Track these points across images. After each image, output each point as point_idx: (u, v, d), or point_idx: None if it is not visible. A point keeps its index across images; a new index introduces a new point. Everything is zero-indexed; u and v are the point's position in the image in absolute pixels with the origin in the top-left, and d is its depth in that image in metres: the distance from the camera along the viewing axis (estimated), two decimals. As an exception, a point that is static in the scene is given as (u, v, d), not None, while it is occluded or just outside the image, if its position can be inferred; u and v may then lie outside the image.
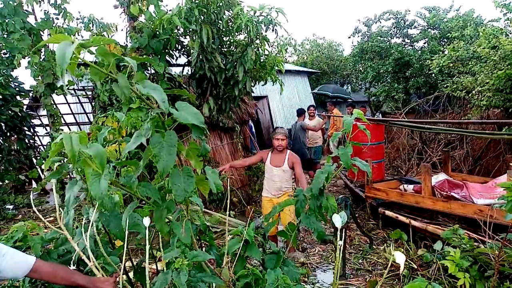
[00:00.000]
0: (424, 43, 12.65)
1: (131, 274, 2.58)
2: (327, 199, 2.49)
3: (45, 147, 7.83)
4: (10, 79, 6.71)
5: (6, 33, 5.67)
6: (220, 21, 4.97)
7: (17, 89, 6.90)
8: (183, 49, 5.36)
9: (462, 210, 4.40)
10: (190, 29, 4.70)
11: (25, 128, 7.37)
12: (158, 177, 2.56)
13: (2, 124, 6.87)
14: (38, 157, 7.50)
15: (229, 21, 4.94)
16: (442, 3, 12.01)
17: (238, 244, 2.42)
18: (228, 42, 5.38)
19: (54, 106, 6.81)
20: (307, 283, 3.97)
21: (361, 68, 14.73)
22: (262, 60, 5.36)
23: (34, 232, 2.39)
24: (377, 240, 5.02)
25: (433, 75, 11.27)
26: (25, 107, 8.10)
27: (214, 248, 2.73)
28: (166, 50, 5.04)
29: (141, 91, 1.65)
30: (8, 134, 7.20)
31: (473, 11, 11.53)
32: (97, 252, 2.25)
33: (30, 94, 7.26)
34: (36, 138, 8.32)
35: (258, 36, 4.83)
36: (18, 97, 7.05)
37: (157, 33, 4.75)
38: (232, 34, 5.18)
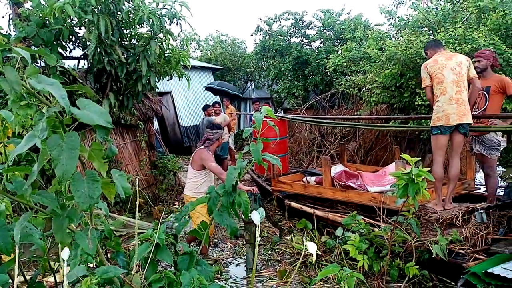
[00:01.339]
0: (320, 43, 13.49)
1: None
2: (239, 194, 2.51)
3: None
4: None
5: None
6: (119, 12, 4.67)
7: None
8: (78, 41, 4.92)
9: (359, 198, 4.81)
10: (86, 20, 4.33)
11: None
12: (55, 183, 2.32)
13: None
14: None
15: (129, 13, 4.67)
16: (335, 6, 13.03)
17: (148, 249, 2.31)
18: (129, 35, 5.09)
19: None
20: (220, 280, 3.98)
21: (263, 66, 15.17)
22: (166, 55, 5.19)
23: None
24: (284, 231, 5.23)
25: (328, 73, 12.11)
26: None
27: (121, 254, 2.58)
28: (59, 42, 4.58)
29: (35, 87, 1.47)
30: None
31: (361, 15, 12.64)
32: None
33: None
34: None
35: (161, 30, 4.66)
36: None
37: (47, 22, 4.28)
38: (133, 26, 4.91)
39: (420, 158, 3.46)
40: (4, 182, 1.96)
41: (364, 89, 7.85)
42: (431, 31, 6.82)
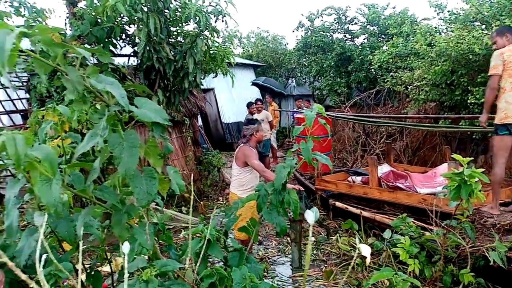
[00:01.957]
0: (364, 39, 13.14)
1: (83, 277, 2.39)
2: (289, 193, 2.48)
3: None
4: None
5: None
6: (167, 10, 4.76)
7: None
8: (128, 39, 5.07)
9: (407, 199, 4.63)
10: (136, 18, 4.44)
11: None
12: (113, 179, 2.39)
13: None
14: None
15: (176, 11, 4.74)
16: (379, 1, 12.67)
17: (199, 244, 2.34)
18: (176, 33, 5.18)
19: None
20: (267, 278, 3.97)
21: (305, 62, 14.99)
22: (212, 52, 5.23)
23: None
24: (329, 230, 5.15)
25: (373, 70, 11.77)
26: None
27: (172, 247, 2.62)
28: (110, 39, 4.73)
29: (96, 86, 1.50)
30: None
31: (407, 9, 12.16)
32: (46, 258, 2.05)
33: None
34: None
35: (207, 27, 4.70)
36: None
37: (100, 20, 4.44)
38: (180, 24, 4.99)
39: (472, 159, 3.27)
40: (64, 176, 2.04)
41: (411, 86, 7.55)
42: (484, 26, 6.43)
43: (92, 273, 2.36)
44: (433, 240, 3.66)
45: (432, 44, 6.67)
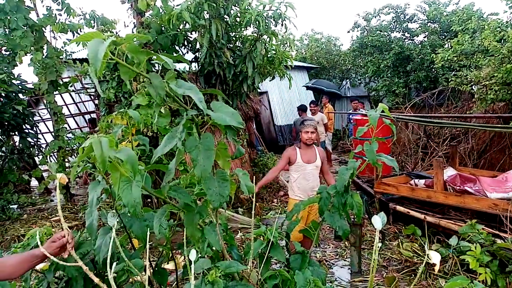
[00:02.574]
0: (424, 37, 12.62)
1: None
2: (352, 196, 2.45)
3: (48, 145, 7.72)
4: (12, 77, 6.59)
5: (8, 29, 5.55)
6: (227, 16, 4.90)
7: (19, 86, 6.79)
8: (190, 45, 5.28)
9: (477, 204, 4.38)
10: (198, 25, 4.62)
11: (28, 127, 7.26)
12: (184, 180, 2.51)
13: (5, 123, 6.76)
14: (41, 156, 7.39)
15: (237, 16, 4.86)
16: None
17: (262, 245, 2.37)
18: (235, 38, 5.31)
19: (57, 104, 6.72)
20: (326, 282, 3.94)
21: (360, 63, 14.66)
22: (269, 55, 5.30)
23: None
24: (389, 236, 5.00)
25: (433, 69, 11.25)
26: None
27: (234, 247, 2.69)
28: (173, 46, 4.96)
29: (176, 91, 1.59)
30: (11, 133, 7.08)
31: (473, 4, 11.51)
32: (118, 254, 2.19)
33: (33, 92, 7.15)
34: (40, 136, 8.22)
35: (267, 31, 4.77)
36: (20, 95, 6.94)
37: (164, 28, 4.66)
38: (240, 29, 5.11)
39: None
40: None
41: (478, 85, 7.12)
42: None
43: (158, 270, 2.50)
44: (507, 249, 3.44)
45: (503, 40, 6.25)
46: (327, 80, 15.96)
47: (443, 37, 11.95)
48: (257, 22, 4.60)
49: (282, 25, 4.75)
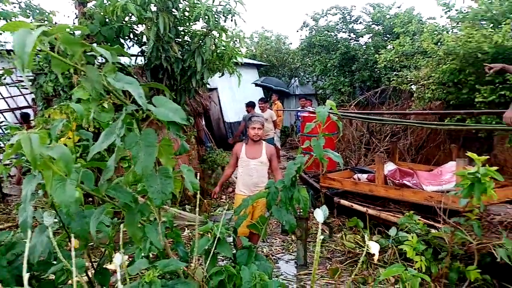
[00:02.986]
0: (369, 38, 13.14)
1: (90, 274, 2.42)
2: (298, 190, 2.50)
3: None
4: None
5: None
6: (176, 10, 4.79)
7: None
8: (136, 38, 5.11)
9: (414, 197, 4.65)
10: (145, 17, 4.48)
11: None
12: (125, 177, 2.42)
13: None
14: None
15: (185, 10, 4.77)
16: (385, 0, 12.66)
17: (208, 242, 2.36)
18: (184, 32, 5.21)
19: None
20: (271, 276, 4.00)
21: (309, 62, 15.00)
22: (219, 51, 5.26)
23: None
24: (333, 228, 5.17)
25: (377, 69, 11.78)
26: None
27: (181, 245, 2.65)
28: (118, 39, 4.77)
29: (114, 85, 1.52)
30: None
31: (413, 8, 12.16)
32: (55, 254, 2.08)
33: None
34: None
35: (216, 26, 4.73)
36: None
37: (109, 20, 4.47)
38: (189, 23, 5.02)
39: (488, 157, 3.29)
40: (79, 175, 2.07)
41: (417, 85, 7.55)
42: (492, 24, 6.43)
43: (100, 270, 2.40)
44: (440, 238, 3.68)
45: (440, 43, 6.67)
46: (276, 78, 16.16)
47: (386, 38, 12.51)
48: (206, 17, 4.56)
49: (231, 20, 4.73)
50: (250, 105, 8.78)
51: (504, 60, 4.67)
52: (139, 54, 5.38)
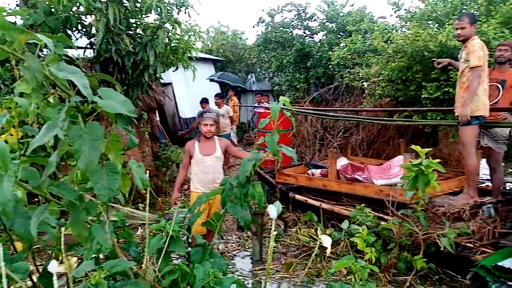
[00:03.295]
0: (323, 35, 13.40)
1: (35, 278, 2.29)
2: (254, 186, 2.49)
3: None
4: None
5: None
6: (126, 1, 4.61)
7: None
8: (85, 29, 4.86)
9: (365, 191, 4.81)
10: (94, 8, 4.27)
11: None
12: (71, 174, 2.30)
13: None
14: None
15: (136, 1, 4.60)
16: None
17: (161, 240, 2.30)
18: (136, 24, 5.03)
19: None
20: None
21: (265, 58, 15.07)
22: (173, 45, 5.13)
23: None
24: (288, 223, 5.24)
25: (331, 66, 12.06)
26: None
27: (133, 244, 2.57)
28: (65, 30, 4.52)
29: (57, 75, 1.43)
30: None
31: (365, 7, 12.55)
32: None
33: None
34: None
35: (169, 19, 4.61)
36: None
37: (54, 10, 4.21)
38: (140, 15, 4.85)
39: (431, 150, 3.46)
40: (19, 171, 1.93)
41: (368, 82, 7.81)
42: (437, 24, 6.77)
43: (45, 274, 2.27)
44: (389, 229, 3.83)
45: (389, 41, 6.93)
46: (233, 73, 16.10)
47: (340, 36, 12.82)
48: (158, 9, 4.42)
49: (185, 13, 4.63)
50: (204, 101, 8.72)
51: (447, 58, 4.91)
52: (88, 46, 5.13)
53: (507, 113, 4.34)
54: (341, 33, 12.77)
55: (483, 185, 5.28)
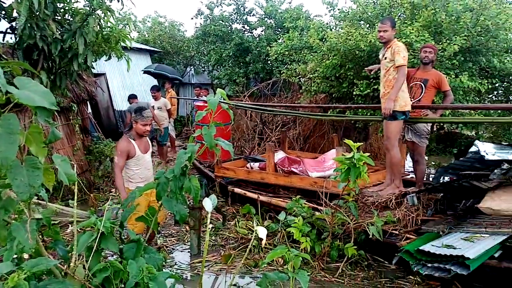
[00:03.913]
0: (262, 31, 13.55)
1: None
2: (190, 179, 2.45)
3: None
4: None
5: None
6: (53, -16, 4.28)
7: None
8: (4, 12, 4.44)
9: (301, 183, 4.96)
10: (14, -11, 3.91)
11: None
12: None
13: None
14: None
15: (64, -15, 4.30)
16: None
17: (92, 237, 2.20)
18: (64, 10, 4.69)
19: None
20: (165, 267, 3.91)
21: (204, 51, 14.89)
22: (105, 33, 4.87)
23: None
24: (227, 216, 5.25)
25: (269, 61, 12.23)
26: None
27: (60, 243, 2.43)
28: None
29: (-36, 62, 1.30)
30: None
31: (302, 5, 12.87)
32: None
33: None
34: None
35: (101, 6, 4.37)
36: None
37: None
38: (69, 0, 4.54)
39: (362, 144, 3.65)
40: None
41: (305, 78, 8.03)
42: (368, 24, 7.13)
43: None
44: (323, 219, 4.00)
45: (324, 39, 7.17)
46: (170, 65, 15.69)
47: (278, 32, 13.03)
48: (88, -5, 4.16)
49: (118, 1, 4.41)
50: (133, 97, 8.46)
51: (376, 57, 5.20)
52: (9, 31, 4.70)
53: (428, 110, 4.69)
54: (279, 29, 13.00)
55: (408, 176, 5.68)
